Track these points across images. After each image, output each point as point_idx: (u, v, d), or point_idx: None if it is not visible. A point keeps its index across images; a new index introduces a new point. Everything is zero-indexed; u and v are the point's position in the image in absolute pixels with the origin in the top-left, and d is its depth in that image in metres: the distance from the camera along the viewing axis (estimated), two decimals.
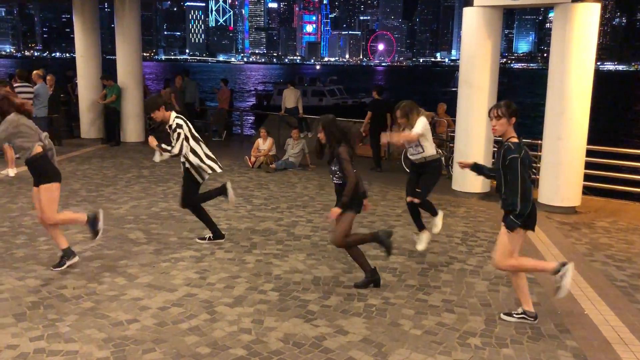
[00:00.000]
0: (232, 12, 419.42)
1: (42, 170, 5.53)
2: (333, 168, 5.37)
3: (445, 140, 11.94)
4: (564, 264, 4.65)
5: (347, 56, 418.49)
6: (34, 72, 13.24)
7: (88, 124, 14.85)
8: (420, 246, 6.53)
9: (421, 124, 6.28)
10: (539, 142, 10.67)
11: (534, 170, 11.16)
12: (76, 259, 5.79)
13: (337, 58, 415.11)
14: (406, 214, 8.28)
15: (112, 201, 8.58)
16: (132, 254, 6.23)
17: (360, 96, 41.06)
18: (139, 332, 4.40)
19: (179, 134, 6.26)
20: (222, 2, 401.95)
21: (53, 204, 5.55)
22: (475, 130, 9.41)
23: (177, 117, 6.38)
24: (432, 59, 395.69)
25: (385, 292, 5.35)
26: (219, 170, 6.62)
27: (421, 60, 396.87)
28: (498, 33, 9.46)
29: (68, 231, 6.89)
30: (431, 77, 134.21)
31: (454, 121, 11.12)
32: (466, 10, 9.42)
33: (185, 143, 6.33)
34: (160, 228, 7.22)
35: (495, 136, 4.69)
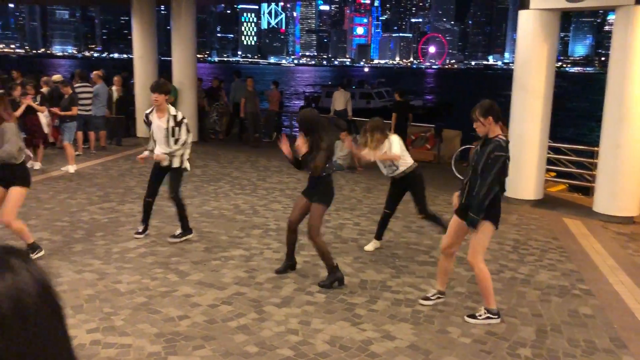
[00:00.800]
0: (284, 15, 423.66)
1: (24, 174, 5.79)
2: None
3: None
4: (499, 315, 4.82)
5: (397, 58, 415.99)
6: (94, 72, 13.74)
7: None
8: (368, 247, 6.68)
9: (398, 143, 6.33)
10: (596, 149, 10.36)
11: (588, 177, 10.84)
12: (42, 252, 5.98)
13: (387, 60, 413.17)
14: None
15: (166, 199, 8.78)
16: (184, 252, 6.38)
17: (409, 98, 40.67)
18: (189, 328, 4.51)
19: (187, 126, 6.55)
20: (275, 4, 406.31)
21: (17, 207, 5.81)
22: (530, 135, 9.20)
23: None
24: (485, 62, 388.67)
25: None
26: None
27: (473, 63, 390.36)
28: (555, 37, 9.23)
29: (123, 227, 7.13)
30: (484, 80, 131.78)
31: (507, 126, 10.91)
32: (522, 14, 9.23)
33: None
34: (211, 227, 7.36)
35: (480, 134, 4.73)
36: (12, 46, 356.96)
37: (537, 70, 9.10)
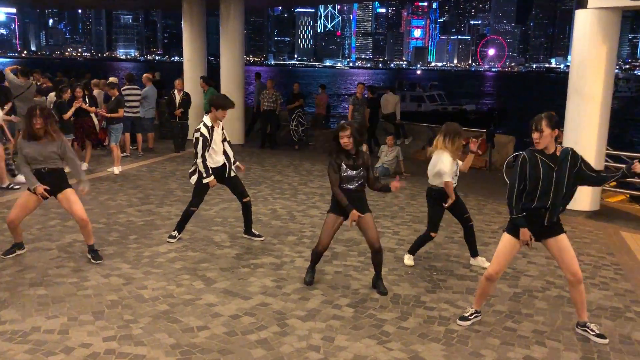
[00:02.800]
0: (340, 18, 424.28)
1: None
2: (354, 173, 5.24)
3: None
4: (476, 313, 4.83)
5: (455, 61, 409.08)
6: (144, 75, 13.95)
7: (193, 126, 15.34)
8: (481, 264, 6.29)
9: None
10: None
11: None
12: (23, 250, 6.09)
13: (444, 63, 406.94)
14: (501, 230, 7.74)
15: (204, 202, 8.67)
16: (214, 257, 6.25)
17: (462, 102, 39.76)
18: (207, 340, 4.34)
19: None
20: (331, 7, 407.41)
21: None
22: (585, 142, 8.62)
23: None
24: (547, 65, 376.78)
25: None
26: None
27: (534, 66, 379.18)
28: (615, 37, 8.62)
29: (158, 230, 7.08)
30: (545, 84, 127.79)
31: (561, 132, 10.33)
32: (579, 13, 8.67)
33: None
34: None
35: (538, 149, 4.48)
36: (80, 50, 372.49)
37: (595, 74, 8.54)
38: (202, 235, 7.03)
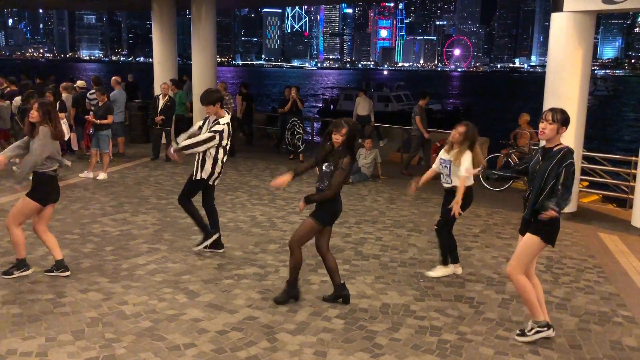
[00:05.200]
0: (307, 18, 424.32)
1: (41, 188, 5.50)
2: (325, 168, 4.99)
3: (526, 154, 11.20)
4: (548, 326, 4.60)
5: (421, 61, 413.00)
6: (113, 78, 13.59)
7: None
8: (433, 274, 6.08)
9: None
10: (634, 158, 9.84)
11: (625, 188, 10.26)
12: (30, 271, 5.67)
13: (411, 63, 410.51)
14: (484, 234, 7.75)
15: (180, 210, 8.46)
16: (196, 268, 6.06)
17: (428, 102, 40.12)
18: (195, 358, 4.16)
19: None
20: (299, 8, 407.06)
21: (21, 216, 5.51)
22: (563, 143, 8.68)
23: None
24: (511, 65, 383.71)
25: (462, 325, 4.88)
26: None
27: (499, 66, 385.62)
28: (590, 40, 8.73)
29: (135, 241, 6.84)
30: (510, 84, 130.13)
31: (537, 133, 10.43)
32: (554, 16, 8.74)
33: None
34: (226, 240, 7.01)
35: (542, 139, 4.56)
36: (41, 51, 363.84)
37: (571, 76, 8.62)
38: (182, 245, 6.83)
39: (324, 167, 5.02)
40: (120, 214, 8.13)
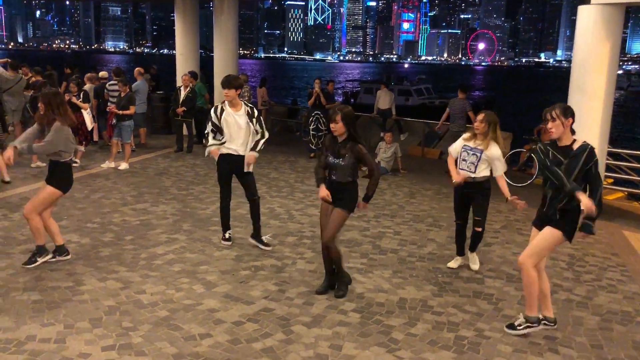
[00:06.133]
0: (330, 11, 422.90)
1: (62, 176, 5.60)
2: (336, 162, 4.98)
3: None
4: (539, 322, 4.57)
5: (445, 55, 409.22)
6: (136, 69, 13.67)
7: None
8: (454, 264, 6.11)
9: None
10: None
11: None
12: (49, 256, 5.71)
13: (434, 57, 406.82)
14: (504, 230, 7.65)
15: (200, 200, 8.54)
16: (213, 259, 6.08)
17: (449, 96, 39.76)
18: (210, 349, 4.17)
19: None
20: (322, 0, 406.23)
21: (43, 205, 5.59)
22: (587, 140, 8.50)
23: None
24: (536, 59, 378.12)
25: (480, 322, 4.81)
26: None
27: (524, 60, 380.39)
28: (618, 33, 8.52)
29: (154, 231, 6.88)
30: (534, 78, 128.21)
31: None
32: (582, 9, 8.55)
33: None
34: (244, 232, 7.03)
35: (553, 138, 4.44)
36: (68, 42, 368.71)
37: (597, 71, 8.42)
38: (200, 236, 6.85)
39: (330, 159, 5.02)
40: (140, 204, 8.19)
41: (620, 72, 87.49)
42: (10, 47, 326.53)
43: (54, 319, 4.52)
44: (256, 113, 6.39)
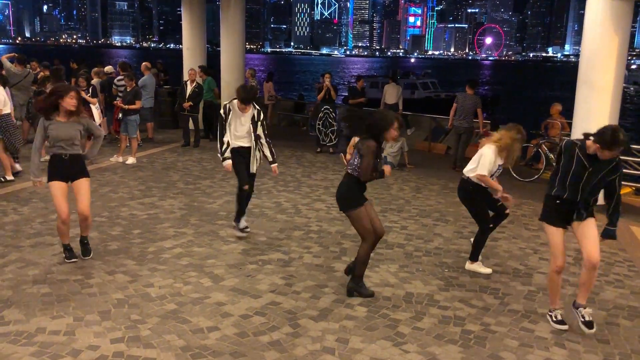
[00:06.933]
0: (337, 5, 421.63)
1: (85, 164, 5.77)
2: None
3: (557, 144, 10.98)
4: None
5: (452, 49, 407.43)
6: (143, 63, 13.72)
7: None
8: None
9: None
10: None
11: None
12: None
13: (441, 51, 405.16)
14: (511, 225, 7.64)
15: (208, 195, 8.58)
16: (221, 253, 6.11)
17: (455, 90, 39.71)
18: (218, 342, 4.21)
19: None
20: None
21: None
22: None
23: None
24: (544, 54, 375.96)
25: (486, 317, 4.82)
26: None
27: (531, 55, 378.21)
28: (627, 28, 8.47)
29: (162, 225, 6.92)
30: (542, 73, 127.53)
31: (570, 124, 10.21)
32: (590, 3, 8.50)
33: None
34: (251, 226, 7.05)
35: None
36: (75, 37, 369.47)
37: (606, 65, 8.39)
38: (207, 230, 6.88)
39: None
40: (148, 198, 8.24)
41: (634, 67, 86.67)
42: (17, 41, 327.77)
43: (64, 312, 4.57)
44: (262, 116, 6.59)
